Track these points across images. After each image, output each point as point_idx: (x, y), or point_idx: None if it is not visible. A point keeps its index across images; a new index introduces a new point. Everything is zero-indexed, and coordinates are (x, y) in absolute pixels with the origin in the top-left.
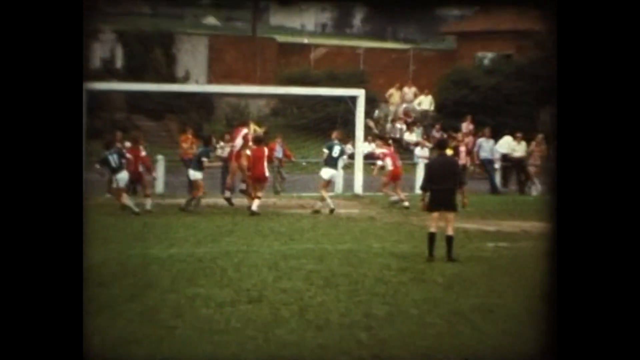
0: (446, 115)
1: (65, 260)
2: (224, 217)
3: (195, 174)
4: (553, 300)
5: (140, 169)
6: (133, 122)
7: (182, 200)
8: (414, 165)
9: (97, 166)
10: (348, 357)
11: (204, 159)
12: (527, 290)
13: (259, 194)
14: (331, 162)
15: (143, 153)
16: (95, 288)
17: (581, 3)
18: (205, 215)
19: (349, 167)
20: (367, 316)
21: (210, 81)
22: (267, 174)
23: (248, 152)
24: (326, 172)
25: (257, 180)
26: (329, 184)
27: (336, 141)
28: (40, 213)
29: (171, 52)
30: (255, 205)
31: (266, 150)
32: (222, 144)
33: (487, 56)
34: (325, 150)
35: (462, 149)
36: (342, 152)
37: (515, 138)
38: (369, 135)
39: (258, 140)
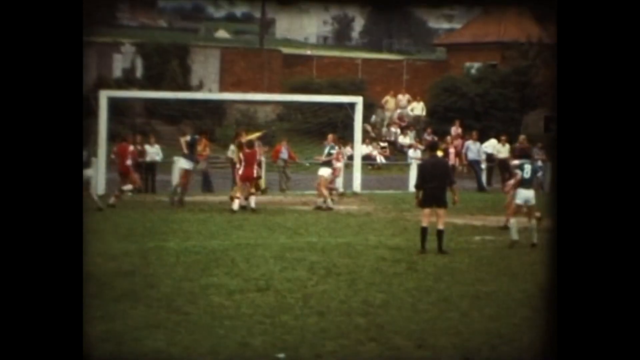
0: (437, 120)
1: (64, 259)
2: (234, 213)
3: (183, 163)
4: (550, 291)
5: (129, 162)
6: (152, 126)
7: (198, 198)
8: (408, 165)
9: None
10: (347, 340)
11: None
12: (510, 278)
13: (252, 189)
14: (327, 162)
15: (131, 148)
16: (119, 278)
17: (581, 3)
18: (218, 211)
19: (347, 167)
20: (364, 303)
21: (221, 89)
22: (255, 174)
23: (241, 155)
24: (324, 171)
25: (247, 179)
26: (328, 182)
27: (331, 144)
28: (40, 212)
29: (186, 63)
30: (252, 201)
31: (257, 154)
32: (232, 147)
33: (474, 66)
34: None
35: (452, 150)
36: (331, 149)
37: (500, 141)
38: (366, 138)
39: (250, 145)
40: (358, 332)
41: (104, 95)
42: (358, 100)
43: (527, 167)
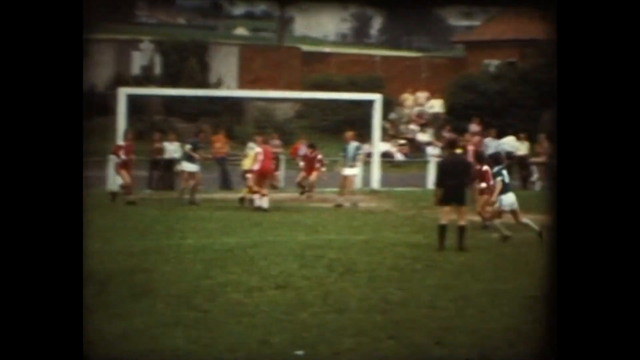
0: (456, 118)
1: (65, 257)
2: (253, 211)
3: (187, 166)
4: (552, 289)
5: (117, 160)
6: (170, 124)
7: (216, 196)
8: (426, 163)
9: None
10: (366, 338)
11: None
12: (528, 275)
13: (264, 190)
14: (353, 163)
15: (123, 144)
16: (137, 275)
17: (581, 4)
18: (236, 208)
19: (366, 164)
20: (383, 301)
21: (240, 87)
22: (273, 170)
23: (259, 149)
24: (349, 171)
25: (263, 175)
26: (349, 181)
27: (357, 143)
28: (41, 212)
29: (205, 60)
30: (265, 201)
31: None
32: (250, 144)
33: (493, 63)
34: (342, 152)
35: (471, 148)
36: (357, 149)
37: (518, 138)
38: (385, 135)
39: (266, 142)
40: (376, 329)
41: (122, 93)
42: (377, 97)
43: (504, 173)
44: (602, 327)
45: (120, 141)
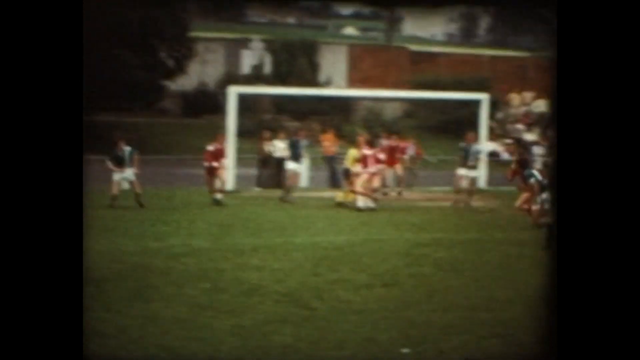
0: None
1: (63, 255)
2: (361, 210)
3: (292, 165)
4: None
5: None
6: (279, 122)
7: (325, 194)
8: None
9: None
10: (471, 336)
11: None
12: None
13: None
14: (472, 165)
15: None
16: (247, 273)
17: (581, 3)
18: (345, 207)
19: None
20: (489, 299)
21: (349, 86)
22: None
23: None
24: (465, 172)
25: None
26: (469, 181)
27: (472, 143)
28: (41, 211)
29: (314, 60)
30: (366, 201)
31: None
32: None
33: None
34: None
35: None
36: (478, 152)
37: None
38: (491, 135)
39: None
40: (482, 327)
41: (233, 91)
42: (484, 97)
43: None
44: (602, 327)
45: (211, 146)
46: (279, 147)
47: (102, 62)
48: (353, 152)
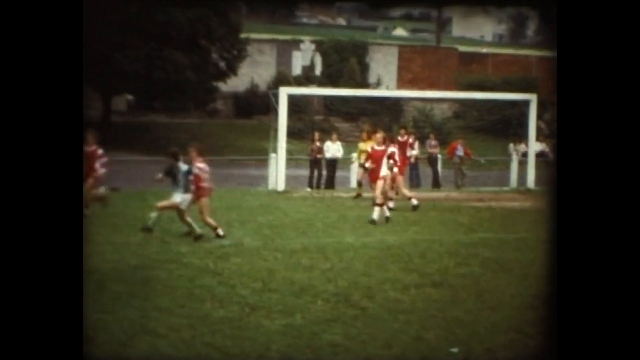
0: None
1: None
2: (410, 210)
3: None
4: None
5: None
6: (330, 123)
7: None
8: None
9: None
10: (518, 334)
11: None
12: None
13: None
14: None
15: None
16: (298, 272)
17: (581, 3)
18: (394, 207)
19: (521, 164)
20: (536, 298)
21: (398, 87)
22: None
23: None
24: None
25: (374, 180)
26: None
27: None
28: (42, 211)
29: (364, 61)
30: (376, 213)
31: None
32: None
33: None
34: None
35: None
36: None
37: None
38: (540, 135)
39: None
40: (529, 326)
41: (284, 92)
42: (532, 97)
43: None
44: (602, 327)
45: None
46: (330, 148)
47: (153, 63)
48: (362, 146)
